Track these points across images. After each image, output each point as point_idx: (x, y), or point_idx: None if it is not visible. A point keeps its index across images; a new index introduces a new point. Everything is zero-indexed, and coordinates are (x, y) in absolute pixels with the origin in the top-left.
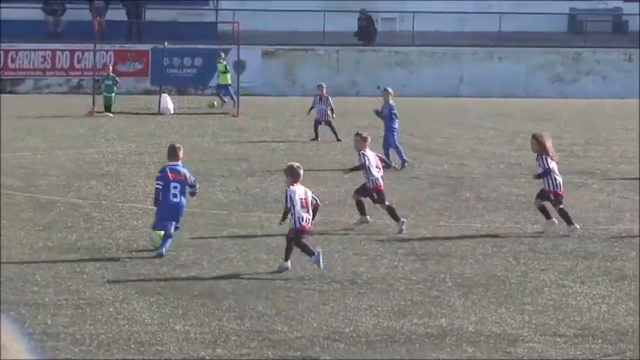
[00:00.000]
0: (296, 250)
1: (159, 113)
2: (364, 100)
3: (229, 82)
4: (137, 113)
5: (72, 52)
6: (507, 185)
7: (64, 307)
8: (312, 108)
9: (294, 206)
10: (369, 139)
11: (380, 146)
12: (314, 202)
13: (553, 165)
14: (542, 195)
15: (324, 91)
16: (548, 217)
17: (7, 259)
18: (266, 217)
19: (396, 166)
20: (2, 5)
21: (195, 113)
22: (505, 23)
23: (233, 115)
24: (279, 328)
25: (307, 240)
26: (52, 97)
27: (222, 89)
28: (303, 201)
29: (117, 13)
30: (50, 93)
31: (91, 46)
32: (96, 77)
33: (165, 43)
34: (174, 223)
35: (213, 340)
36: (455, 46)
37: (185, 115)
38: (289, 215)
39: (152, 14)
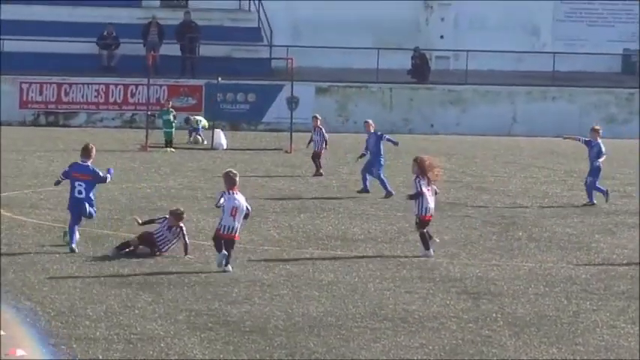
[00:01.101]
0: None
1: (212, 148)
2: (417, 138)
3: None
4: (190, 148)
5: (125, 86)
6: (560, 225)
7: (116, 342)
8: (310, 141)
9: (223, 212)
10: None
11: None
12: (246, 211)
13: (427, 190)
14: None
15: (319, 123)
16: (427, 247)
17: (58, 293)
18: (318, 253)
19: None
20: (58, 39)
21: (249, 149)
22: (559, 63)
23: (286, 151)
24: None
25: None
26: (105, 131)
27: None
28: (234, 210)
29: (171, 48)
30: (103, 127)
31: (144, 80)
32: (150, 112)
33: (219, 79)
34: (79, 218)
35: None
36: (509, 85)
37: (238, 150)
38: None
39: (206, 50)
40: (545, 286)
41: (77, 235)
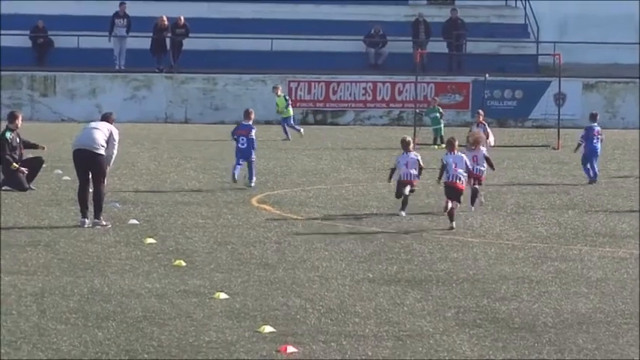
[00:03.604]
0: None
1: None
2: None
3: (290, 114)
4: (459, 145)
5: (393, 84)
6: None
7: (385, 339)
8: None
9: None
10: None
11: None
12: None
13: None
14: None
15: (481, 118)
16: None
17: (327, 290)
18: (586, 250)
19: None
20: (326, 37)
21: (516, 145)
22: None
23: (553, 148)
24: None
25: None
26: (373, 129)
27: (286, 122)
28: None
29: (438, 46)
30: (371, 125)
31: (412, 78)
32: (417, 109)
33: (487, 76)
34: (241, 162)
35: None
36: None
37: (505, 147)
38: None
39: (473, 47)
40: None
41: (238, 171)
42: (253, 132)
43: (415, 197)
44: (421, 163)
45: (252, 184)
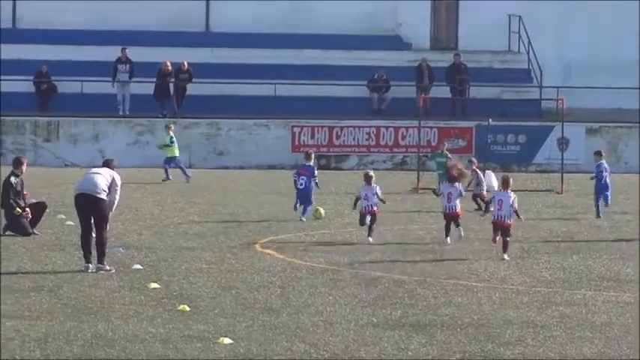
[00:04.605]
0: None
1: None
2: None
3: (176, 154)
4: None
5: (396, 128)
6: None
7: None
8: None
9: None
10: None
11: None
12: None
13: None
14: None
15: (474, 166)
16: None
17: (332, 335)
18: (591, 294)
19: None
20: (327, 82)
21: (519, 190)
22: None
23: (557, 192)
24: None
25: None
26: (376, 174)
27: (170, 162)
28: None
29: (441, 90)
30: (374, 169)
31: (415, 123)
32: (422, 153)
33: (490, 120)
34: (305, 204)
35: None
36: None
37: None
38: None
39: (476, 91)
40: None
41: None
42: (316, 172)
43: (419, 241)
44: (379, 194)
45: (304, 219)
